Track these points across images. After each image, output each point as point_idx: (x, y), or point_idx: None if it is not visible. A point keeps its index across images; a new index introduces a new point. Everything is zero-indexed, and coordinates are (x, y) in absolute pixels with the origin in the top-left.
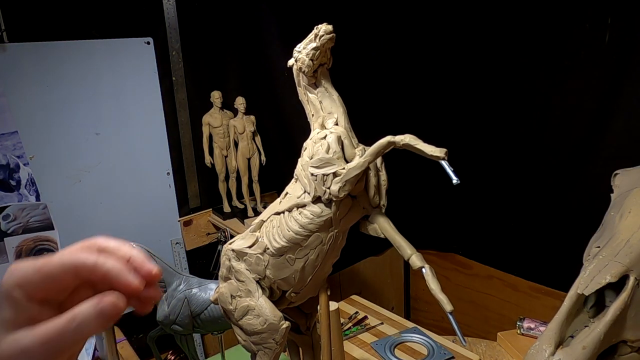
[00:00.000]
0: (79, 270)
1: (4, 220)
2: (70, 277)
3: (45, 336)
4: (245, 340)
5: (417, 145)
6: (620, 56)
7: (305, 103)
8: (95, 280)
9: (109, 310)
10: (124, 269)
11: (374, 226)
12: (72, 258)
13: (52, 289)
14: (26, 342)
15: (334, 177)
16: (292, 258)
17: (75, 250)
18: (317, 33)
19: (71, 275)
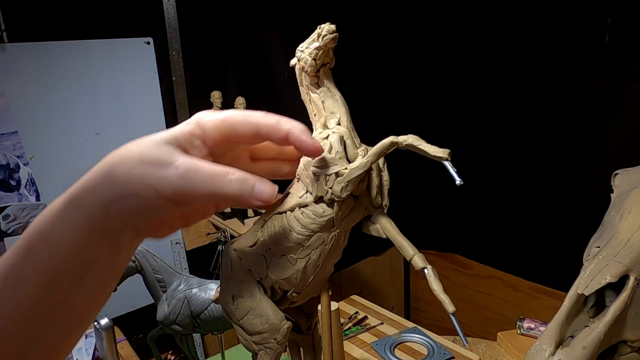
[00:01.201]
0: (260, 128)
1: (4, 220)
2: (249, 133)
3: (199, 170)
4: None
5: (420, 145)
6: (620, 56)
7: (308, 103)
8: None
9: (259, 194)
10: (305, 130)
11: (376, 226)
12: (256, 115)
13: (228, 139)
14: (181, 161)
15: (337, 177)
16: (294, 258)
17: (257, 113)
18: (320, 33)
19: (251, 131)
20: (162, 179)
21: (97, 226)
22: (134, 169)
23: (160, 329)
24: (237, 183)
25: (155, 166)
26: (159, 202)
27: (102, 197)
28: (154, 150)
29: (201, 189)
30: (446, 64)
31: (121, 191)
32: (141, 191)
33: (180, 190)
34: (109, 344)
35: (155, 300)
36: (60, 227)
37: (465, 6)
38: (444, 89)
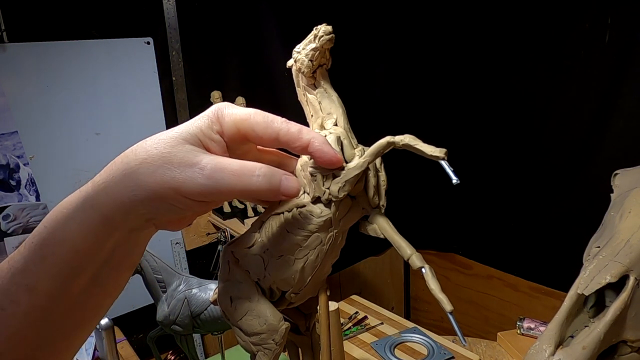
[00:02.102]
0: (281, 136)
1: (4, 220)
2: (267, 138)
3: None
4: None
5: (416, 145)
6: (620, 56)
7: (305, 104)
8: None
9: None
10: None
11: (373, 226)
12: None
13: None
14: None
15: (334, 177)
16: (292, 258)
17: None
18: (317, 34)
19: (270, 137)
20: (188, 180)
21: (115, 226)
22: (157, 172)
23: (160, 329)
24: (264, 179)
25: (179, 168)
26: (185, 202)
27: (122, 199)
28: (176, 151)
29: (229, 187)
30: (445, 63)
31: (145, 194)
32: (166, 194)
33: (207, 191)
34: (109, 344)
35: (155, 301)
36: (76, 227)
37: (465, 6)
38: (442, 89)
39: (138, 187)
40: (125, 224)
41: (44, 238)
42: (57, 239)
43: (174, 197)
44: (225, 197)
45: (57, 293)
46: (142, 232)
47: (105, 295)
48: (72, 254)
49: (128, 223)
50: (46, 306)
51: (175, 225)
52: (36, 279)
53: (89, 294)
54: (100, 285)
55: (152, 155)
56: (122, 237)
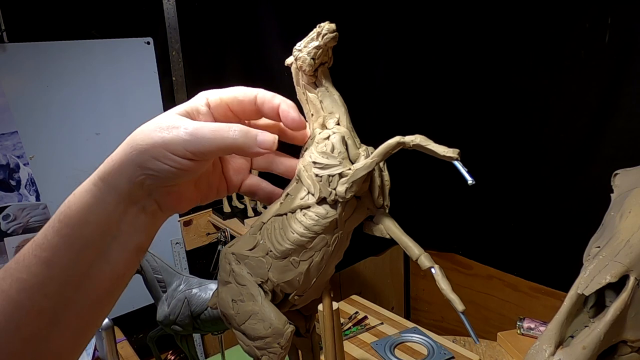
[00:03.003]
0: (258, 97)
1: (4, 220)
2: (248, 101)
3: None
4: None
5: (428, 145)
6: (620, 56)
7: (304, 102)
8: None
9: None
10: (294, 106)
11: (379, 227)
12: (254, 89)
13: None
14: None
15: (340, 178)
16: (297, 260)
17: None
18: (320, 32)
19: (250, 100)
20: (173, 139)
21: (123, 200)
22: (149, 135)
23: (160, 329)
24: (240, 133)
25: (167, 130)
26: (174, 160)
27: (128, 174)
28: (166, 119)
29: (208, 142)
30: (445, 63)
31: (141, 156)
32: (157, 153)
33: (189, 145)
34: (109, 344)
35: (155, 301)
36: (91, 203)
37: (466, 6)
38: (442, 89)
39: (136, 151)
40: (130, 196)
41: (61, 212)
42: (72, 212)
43: (164, 155)
44: (206, 152)
45: (70, 265)
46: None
47: (114, 277)
48: (84, 225)
49: (132, 195)
50: (60, 278)
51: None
52: (52, 251)
53: (98, 269)
54: (109, 262)
55: (148, 125)
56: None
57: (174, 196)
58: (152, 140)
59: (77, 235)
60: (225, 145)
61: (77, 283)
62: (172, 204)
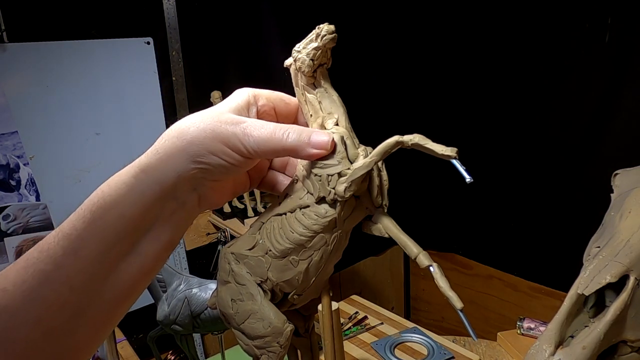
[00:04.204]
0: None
1: (4, 220)
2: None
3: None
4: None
5: (426, 144)
6: (620, 56)
7: (303, 103)
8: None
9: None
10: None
11: (378, 226)
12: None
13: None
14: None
15: (339, 177)
16: (296, 260)
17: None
18: (319, 33)
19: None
20: (233, 135)
21: (164, 194)
22: (207, 127)
23: (160, 329)
24: (294, 134)
25: (226, 124)
26: (231, 156)
27: (177, 166)
28: (223, 114)
29: (265, 142)
30: (445, 63)
31: (197, 149)
32: (216, 147)
33: (248, 143)
34: (109, 344)
35: (155, 300)
36: (128, 195)
37: (466, 6)
38: (442, 89)
39: (191, 144)
40: (174, 192)
41: (94, 203)
42: (107, 204)
43: (222, 150)
44: (263, 151)
45: (99, 258)
46: (185, 209)
47: (142, 271)
48: (118, 218)
49: (176, 191)
50: (88, 271)
51: (215, 199)
52: (82, 243)
53: (127, 263)
54: (139, 255)
55: (203, 117)
56: (169, 209)
57: (216, 191)
58: (212, 134)
59: (109, 229)
60: (282, 146)
61: (104, 276)
62: (212, 199)
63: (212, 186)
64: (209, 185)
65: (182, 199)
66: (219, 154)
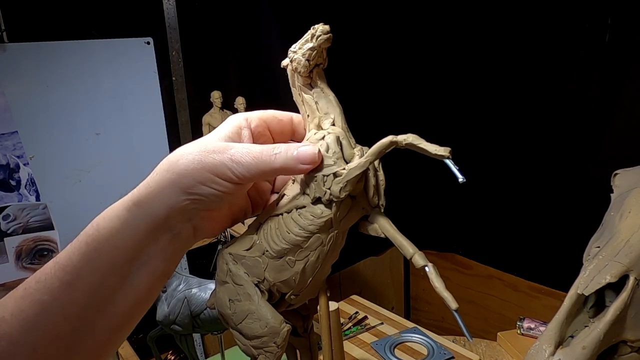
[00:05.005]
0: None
1: (4, 220)
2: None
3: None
4: (245, 345)
5: (420, 144)
6: (620, 56)
7: (300, 104)
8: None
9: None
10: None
11: (374, 226)
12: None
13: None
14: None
15: (334, 177)
16: (292, 260)
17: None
18: (314, 33)
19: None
20: (220, 163)
21: (157, 226)
22: (195, 159)
23: (160, 329)
24: (281, 155)
25: (214, 154)
26: (221, 184)
27: (167, 199)
28: (210, 143)
29: (254, 166)
30: (444, 63)
31: (187, 181)
32: (205, 178)
33: (236, 169)
34: None
35: (155, 300)
36: (122, 228)
37: (465, 6)
38: (441, 88)
39: (180, 176)
40: (167, 223)
41: (89, 236)
42: (101, 237)
43: (211, 180)
44: (253, 176)
45: (94, 289)
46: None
47: (136, 302)
48: (112, 250)
49: (169, 222)
50: (83, 302)
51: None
52: (77, 274)
53: (122, 294)
54: (133, 286)
55: (191, 149)
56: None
57: (211, 220)
58: (200, 166)
59: (103, 260)
60: (270, 168)
61: (99, 307)
62: (207, 228)
63: (207, 216)
64: (202, 215)
65: (176, 231)
66: (208, 184)
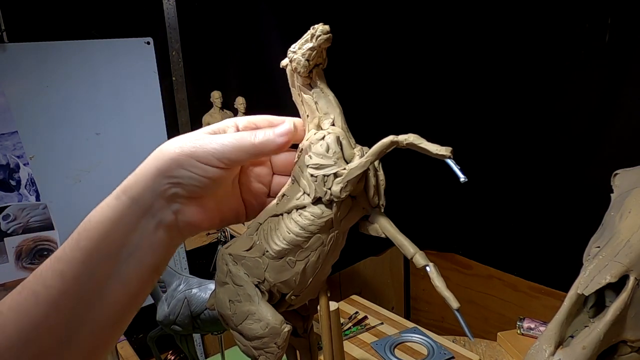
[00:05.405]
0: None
1: (4, 220)
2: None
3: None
4: (246, 346)
5: (421, 144)
6: (620, 56)
7: (300, 104)
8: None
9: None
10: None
11: (374, 226)
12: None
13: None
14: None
15: (335, 177)
16: (293, 260)
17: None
18: (314, 33)
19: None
20: (201, 147)
21: (142, 213)
22: (177, 144)
23: (160, 329)
24: (260, 134)
25: (195, 139)
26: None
27: (151, 184)
28: (194, 134)
29: (234, 148)
30: (444, 63)
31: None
32: (184, 160)
33: (218, 153)
34: None
35: (155, 301)
36: (110, 216)
37: (465, 6)
38: (441, 88)
39: (160, 160)
40: (152, 209)
41: (81, 226)
42: (91, 226)
43: (191, 164)
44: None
45: (84, 279)
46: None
47: (128, 295)
48: (102, 238)
49: (154, 208)
50: (74, 293)
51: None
52: (69, 264)
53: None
54: (123, 280)
55: (175, 139)
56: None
57: (195, 210)
58: (179, 150)
59: (94, 249)
60: (252, 146)
61: (90, 300)
62: (192, 218)
63: (189, 203)
64: (184, 202)
65: (159, 217)
66: (188, 167)
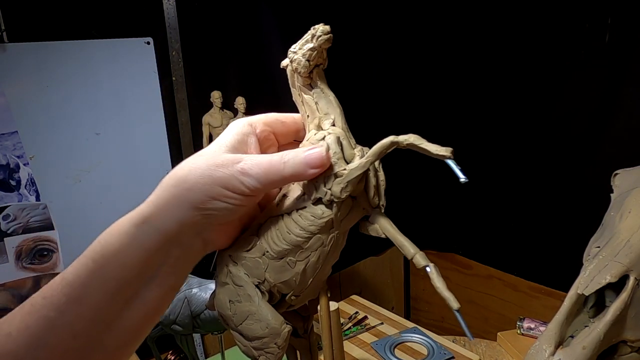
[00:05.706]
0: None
1: (4, 220)
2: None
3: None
4: (246, 346)
5: (421, 144)
6: (620, 56)
7: (300, 104)
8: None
9: (311, 160)
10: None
11: (374, 226)
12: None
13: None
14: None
15: (335, 178)
16: (293, 261)
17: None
18: (315, 34)
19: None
20: (231, 176)
21: (167, 242)
22: (205, 174)
23: (160, 329)
24: (290, 162)
25: (223, 168)
26: (233, 198)
27: (177, 214)
28: (218, 156)
29: (264, 177)
30: (443, 63)
31: (197, 197)
32: (216, 192)
33: (248, 182)
34: None
35: None
36: (130, 244)
37: (465, 6)
38: (440, 88)
39: (190, 191)
40: (178, 238)
41: (96, 252)
42: (109, 253)
43: (223, 194)
44: (264, 186)
45: (102, 306)
46: (190, 253)
47: (146, 316)
48: (121, 267)
49: (180, 237)
50: (91, 318)
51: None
52: (85, 291)
53: (131, 310)
54: (143, 301)
55: (198, 162)
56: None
57: (222, 233)
58: (210, 180)
59: (112, 277)
60: (281, 177)
61: (107, 324)
62: (218, 241)
63: (218, 229)
64: (214, 228)
65: (186, 245)
66: (221, 198)
